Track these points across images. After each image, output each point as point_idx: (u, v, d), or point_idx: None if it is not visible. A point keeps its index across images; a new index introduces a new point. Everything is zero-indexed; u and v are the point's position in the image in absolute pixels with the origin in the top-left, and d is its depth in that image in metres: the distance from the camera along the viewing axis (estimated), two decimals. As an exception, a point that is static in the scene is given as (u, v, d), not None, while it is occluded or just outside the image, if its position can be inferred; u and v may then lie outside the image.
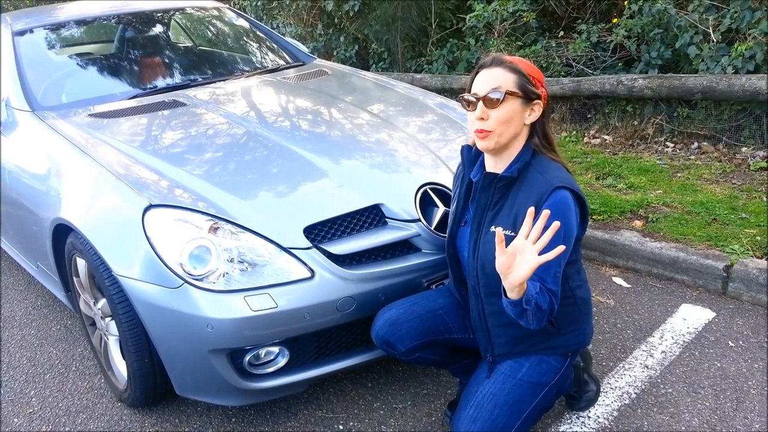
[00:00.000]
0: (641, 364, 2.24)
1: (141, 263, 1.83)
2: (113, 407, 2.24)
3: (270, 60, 3.52)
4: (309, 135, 2.40)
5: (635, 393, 2.10)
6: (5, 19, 3.21)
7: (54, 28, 3.23)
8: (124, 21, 3.50)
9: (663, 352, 2.30)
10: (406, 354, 1.81)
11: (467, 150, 1.74)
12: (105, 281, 1.93)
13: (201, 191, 1.98)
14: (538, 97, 1.59)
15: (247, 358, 1.83)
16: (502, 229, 1.54)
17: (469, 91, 1.61)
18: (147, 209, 1.87)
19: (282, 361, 1.88)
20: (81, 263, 2.17)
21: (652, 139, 4.17)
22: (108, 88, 2.95)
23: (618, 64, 4.60)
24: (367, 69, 6.30)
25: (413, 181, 2.10)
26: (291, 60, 3.51)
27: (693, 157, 3.87)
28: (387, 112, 2.70)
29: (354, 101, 2.80)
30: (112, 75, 3.15)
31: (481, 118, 1.57)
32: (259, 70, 3.30)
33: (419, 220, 2.00)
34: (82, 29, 3.44)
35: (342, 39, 6.81)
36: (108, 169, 2.09)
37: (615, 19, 4.61)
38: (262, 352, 1.85)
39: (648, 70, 4.32)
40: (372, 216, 1.99)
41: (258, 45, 3.69)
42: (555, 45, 4.87)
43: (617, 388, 2.13)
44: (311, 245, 1.87)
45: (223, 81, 3.06)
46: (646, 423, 1.97)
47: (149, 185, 2.00)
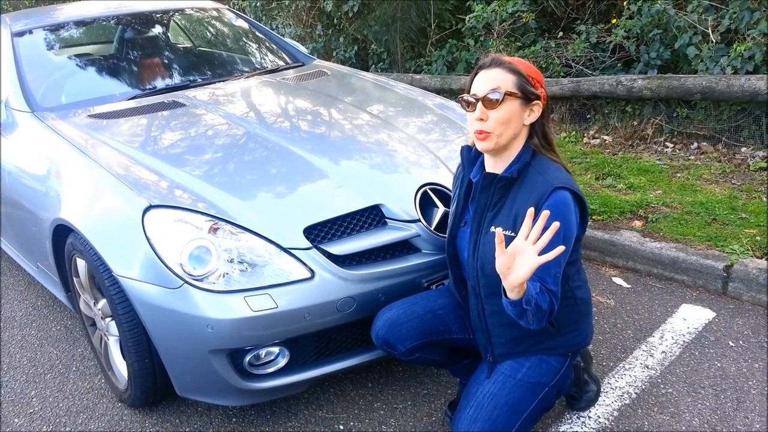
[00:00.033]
0: (641, 364, 2.24)
1: (141, 264, 1.83)
2: (114, 407, 2.24)
3: (269, 61, 3.52)
4: (308, 135, 2.40)
5: (635, 393, 2.10)
6: (4, 20, 3.20)
7: (53, 28, 3.23)
8: (123, 22, 3.50)
9: (663, 352, 2.30)
10: (406, 354, 1.81)
11: (467, 150, 1.75)
12: (105, 282, 1.93)
13: (201, 192, 1.98)
14: (537, 98, 1.60)
15: (248, 358, 1.84)
16: (501, 230, 1.54)
17: (469, 92, 1.61)
18: (147, 210, 1.88)
19: (282, 362, 1.88)
20: (81, 264, 2.17)
21: (651, 140, 4.18)
22: (107, 88, 2.95)
23: (617, 64, 4.60)
24: (367, 69, 6.31)
25: (413, 182, 2.11)
26: (290, 61, 3.51)
27: (692, 158, 3.87)
28: (386, 112, 2.70)
29: (353, 102, 2.80)
30: (111, 76, 3.15)
31: (481, 118, 1.57)
32: (259, 70, 3.30)
33: (419, 220, 2.00)
34: (81, 30, 3.44)
35: (341, 40, 6.82)
36: (108, 170, 2.09)
37: (614, 20, 4.61)
38: (262, 352, 1.85)
39: (647, 70, 4.33)
40: (372, 216, 1.99)
41: (257, 46, 3.69)
42: (554, 45, 4.87)
43: (617, 388, 2.13)
44: (311, 245, 1.87)
45: (223, 82, 3.06)
46: (646, 423, 1.97)
47: (149, 186, 2.00)
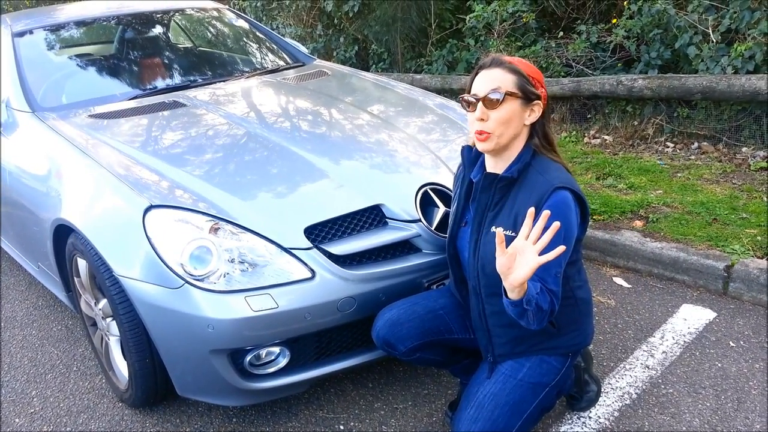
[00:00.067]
0: (642, 364, 2.24)
1: (142, 264, 1.84)
2: (114, 407, 2.24)
3: (270, 61, 3.52)
4: (309, 135, 2.40)
5: (636, 393, 2.10)
6: (5, 21, 3.21)
7: (54, 29, 3.23)
8: (123, 22, 3.50)
9: (664, 352, 2.30)
10: (406, 354, 1.81)
11: (467, 150, 1.74)
12: (106, 281, 1.93)
13: (201, 192, 1.98)
14: (537, 98, 1.59)
15: (248, 358, 1.84)
16: (502, 230, 1.54)
17: (469, 92, 1.61)
18: (147, 210, 1.88)
19: (283, 362, 1.88)
20: (82, 264, 2.17)
21: (652, 140, 4.18)
22: (108, 89, 2.95)
23: (618, 64, 4.60)
24: (367, 69, 6.31)
25: (413, 182, 2.11)
26: (291, 61, 3.51)
27: (693, 157, 3.87)
28: (387, 112, 2.70)
29: (354, 102, 2.80)
30: (112, 76, 3.16)
31: (481, 118, 1.56)
32: (259, 70, 3.30)
33: (420, 220, 2.00)
34: (81, 30, 3.44)
35: (342, 40, 6.82)
36: (108, 170, 2.09)
37: (614, 20, 4.61)
38: (262, 352, 1.85)
39: (648, 70, 4.32)
40: (372, 216, 1.99)
41: (258, 46, 3.69)
42: (555, 45, 4.87)
43: (618, 388, 2.13)
44: (312, 245, 1.87)
45: (223, 82, 3.06)
46: (647, 423, 1.97)
47: (150, 186, 2.00)
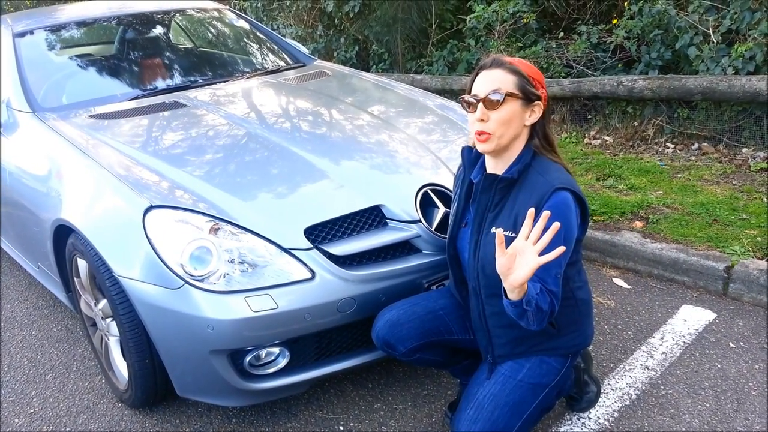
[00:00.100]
0: (642, 365, 2.24)
1: (142, 264, 1.84)
2: (114, 408, 2.24)
3: (270, 61, 3.52)
4: (309, 136, 2.40)
5: (636, 394, 2.10)
6: (6, 21, 3.21)
7: (54, 29, 3.23)
8: (124, 22, 3.50)
9: (663, 353, 2.30)
10: (406, 355, 1.81)
11: (468, 151, 1.74)
12: (106, 282, 1.93)
13: (202, 192, 1.98)
14: (538, 99, 1.59)
15: (248, 358, 1.84)
16: (502, 230, 1.54)
17: (469, 93, 1.61)
18: (148, 210, 1.88)
19: (282, 362, 1.88)
20: (82, 264, 2.17)
21: (652, 140, 4.18)
22: (108, 89, 2.95)
23: (618, 65, 4.60)
24: (368, 70, 6.31)
25: (414, 182, 2.11)
26: (291, 61, 3.51)
27: (693, 158, 3.87)
28: (387, 113, 2.70)
29: (354, 102, 2.80)
30: (112, 76, 3.16)
31: (481, 119, 1.56)
32: (260, 71, 3.30)
33: (420, 221, 2.00)
34: (82, 31, 3.44)
35: (342, 40, 6.82)
36: (109, 170, 2.09)
37: (615, 20, 4.61)
38: (262, 352, 1.85)
39: (648, 71, 4.32)
40: (372, 217, 1.99)
41: (258, 46, 3.69)
42: (555, 46, 4.87)
43: (618, 389, 2.13)
44: (312, 246, 1.87)
45: (224, 82, 3.06)
46: (646, 424, 1.97)
47: (150, 186, 2.00)
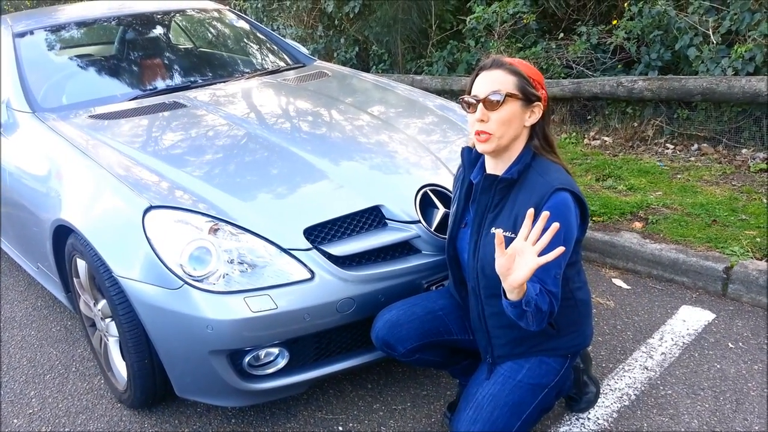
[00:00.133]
0: (641, 365, 2.24)
1: (141, 264, 1.84)
2: (113, 408, 2.24)
3: (270, 62, 3.52)
4: (309, 136, 2.40)
5: (635, 394, 2.10)
6: (6, 21, 3.21)
7: (54, 29, 3.23)
8: (124, 23, 3.50)
9: (663, 353, 2.30)
10: (405, 355, 1.81)
11: (467, 151, 1.75)
12: (105, 282, 1.93)
13: (201, 192, 1.98)
14: (538, 99, 1.60)
15: (247, 359, 1.84)
16: (502, 231, 1.54)
17: (469, 93, 1.61)
18: (147, 210, 1.88)
19: (282, 363, 1.88)
20: (81, 264, 2.17)
21: (652, 141, 4.18)
22: (108, 89, 2.95)
23: (618, 65, 4.60)
24: (368, 70, 6.31)
25: (413, 183, 2.11)
26: (291, 62, 3.51)
27: (693, 159, 3.87)
28: (387, 113, 2.70)
29: (354, 103, 2.80)
30: (112, 76, 3.16)
31: (481, 120, 1.56)
32: (260, 71, 3.30)
33: (419, 221, 2.00)
34: (82, 31, 3.44)
35: (342, 41, 6.82)
36: (108, 171, 2.09)
37: (615, 21, 4.62)
38: (262, 353, 1.85)
39: (648, 71, 4.33)
40: (372, 217, 1.99)
41: (258, 47, 3.70)
42: (555, 47, 4.88)
43: (617, 389, 2.13)
44: (311, 246, 1.87)
45: (224, 82, 3.06)
46: (645, 424, 1.97)
47: (149, 186, 2.00)
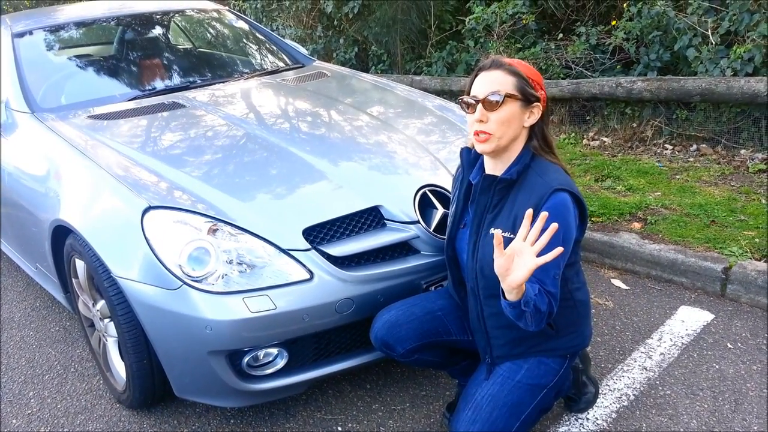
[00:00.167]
0: (640, 365, 2.24)
1: (140, 265, 1.83)
2: (112, 408, 2.24)
3: (269, 62, 3.52)
4: (308, 137, 2.40)
5: (634, 395, 2.10)
6: (5, 21, 3.21)
7: (53, 30, 3.23)
8: (123, 23, 3.50)
9: (661, 354, 2.30)
10: (404, 356, 1.81)
11: (466, 152, 1.75)
12: (104, 282, 1.93)
13: (200, 193, 1.98)
14: (537, 100, 1.60)
15: (246, 359, 1.83)
16: (501, 231, 1.54)
17: (468, 94, 1.61)
18: (146, 211, 1.88)
19: (281, 363, 1.88)
20: (80, 265, 2.17)
21: (651, 141, 4.18)
22: (107, 89, 2.95)
23: (617, 66, 4.60)
24: (367, 71, 6.31)
25: (412, 183, 2.11)
26: (290, 62, 3.51)
27: (692, 159, 3.88)
28: (386, 114, 2.70)
29: (353, 103, 2.80)
30: (111, 77, 3.16)
31: (481, 120, 1.56)
32: (259, 72, 3.30)
33: (418, 222, 2.00)
34: (81, 31, 3.44)
35: (341, 41, 6.82)
36: (107, 171, 2.09)
37: (614, 22, 4.62)
38: (260, 353, 1.85)
39: (647, 72, 4.33)
40: (371, 218, 1.99)
41: (257, 47, 3.70)
42: (554, 47, 4.88)
43: (616, 389, 2.13)
44: (310, 247, 1.87)
45: (223, 83, 3.06)
46: (644, 425, 1.97)
47: (148, 187, 2.00)
